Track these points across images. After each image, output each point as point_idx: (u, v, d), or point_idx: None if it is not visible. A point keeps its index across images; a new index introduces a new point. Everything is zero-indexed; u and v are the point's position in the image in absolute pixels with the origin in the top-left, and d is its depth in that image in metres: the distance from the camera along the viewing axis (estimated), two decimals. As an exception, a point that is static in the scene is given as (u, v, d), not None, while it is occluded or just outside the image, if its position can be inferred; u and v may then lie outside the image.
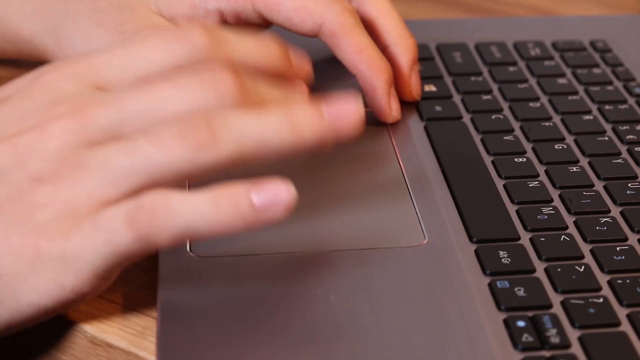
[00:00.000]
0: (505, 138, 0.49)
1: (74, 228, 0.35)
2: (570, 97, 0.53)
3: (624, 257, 0.40)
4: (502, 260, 0.40)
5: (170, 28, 0.43)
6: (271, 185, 0.36)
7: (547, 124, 0.50)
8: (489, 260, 0.40)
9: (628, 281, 0.39)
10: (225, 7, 0.49)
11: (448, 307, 0.38)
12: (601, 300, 0.38)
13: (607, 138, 0.49)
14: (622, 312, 0.37)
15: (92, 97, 0.37)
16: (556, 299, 0.38)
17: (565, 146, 0.48)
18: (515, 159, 0.47)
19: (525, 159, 0.47)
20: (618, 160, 0.47)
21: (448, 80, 0.54)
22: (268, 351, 0.36)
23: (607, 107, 0.52)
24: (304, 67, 0.43)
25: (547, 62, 0.56)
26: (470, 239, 0.41)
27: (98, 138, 0.36)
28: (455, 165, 0.46)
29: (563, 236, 0.41)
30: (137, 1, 0.49)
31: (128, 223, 0.34)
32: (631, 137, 0.49)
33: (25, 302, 0.35)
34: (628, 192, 0.45)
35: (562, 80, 0.54)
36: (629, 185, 0.45)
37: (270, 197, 0.35)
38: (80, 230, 0.35)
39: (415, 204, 0.43)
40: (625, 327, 0.37)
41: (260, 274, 0.39)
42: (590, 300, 0.38)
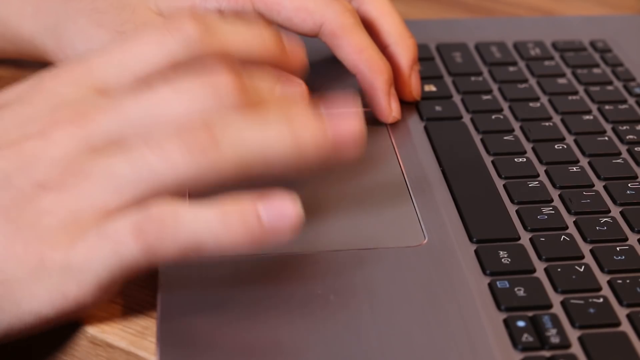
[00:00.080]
0: (505, 138, 0.49)
1: (78, 237, 0.35)
2: (570, 97, 0.53)
3: (624, 257, 0.40)
4: (502, 260, 0.40)
5: (161, 21, 0.42)
6: (278, 201, 0.36)
7: (547, 124, 0.50)
8: (489, 260, 0.40)
9: (628, 281, 0.39)
10: (225, 7, 0.49)
11: (448, 307, 0.38)
12: (601, 300, 0.38)
13: (607, 138, 0.49)
14: (622, 312, 0.37)
15: (93, 102, 0.37)
16: (556, 299, 0.38)
17: (565, 146, 0.48)
18: (515, 159, 0.47)
19: (525, 159, 0.47)
20: (618, 160, 0.47)
21: (448, 80, 0.54)
22: (268, 351, 0.36)
23: (607, 107, 0.52)
24: (297, 54, 0.43)
25: (547, 62, 0.56)
26: (470, 239, 0.41)
27: (100, 144, 0.36)
28: (455, 165, 0.46)
29: (563, 236, 0.41)
30: (137, 1, 0.49)
31: (135, 234, 0.34)
32: (631, 137, 0.49)
33: (26, 310, 0.35)
34: (628, 192, 0.45)
35: (562, 80, 0.54)
36: (629, 185, 0.45)
37: (278, 212, 0.35)
38: (84, 239, 0.35)
39: (415, 204, 0.43)
40: (625, 327, 0.37)
41: (260, 274, 0.39)
42: (590, 300, 0.38)
